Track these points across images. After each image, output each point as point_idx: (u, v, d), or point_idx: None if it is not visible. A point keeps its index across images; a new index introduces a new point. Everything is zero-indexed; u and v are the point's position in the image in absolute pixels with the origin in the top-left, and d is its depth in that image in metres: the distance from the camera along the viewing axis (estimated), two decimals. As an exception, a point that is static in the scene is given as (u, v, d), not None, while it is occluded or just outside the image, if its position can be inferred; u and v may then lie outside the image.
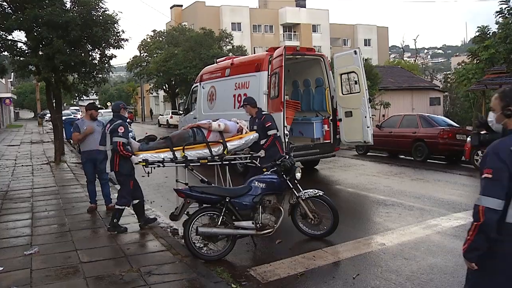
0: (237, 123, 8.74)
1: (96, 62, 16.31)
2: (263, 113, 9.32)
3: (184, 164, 7.86)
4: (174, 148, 7.82)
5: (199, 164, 8.00)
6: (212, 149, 8.03)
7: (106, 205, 9.31)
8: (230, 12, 64.37)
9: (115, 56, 16.69)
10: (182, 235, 6.67)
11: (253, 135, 8.64)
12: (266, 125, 8.88)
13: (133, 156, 7.56)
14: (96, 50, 16.32)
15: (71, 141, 18.32)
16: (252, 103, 9.35)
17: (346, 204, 9.76)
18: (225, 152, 8.10)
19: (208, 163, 8.17)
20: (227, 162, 8.35)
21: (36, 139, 28.78)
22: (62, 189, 11.48)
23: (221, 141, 8.15)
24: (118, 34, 16.03)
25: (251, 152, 8.62)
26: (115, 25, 15.85)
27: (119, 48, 16.34)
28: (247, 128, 8.89)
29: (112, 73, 19.96)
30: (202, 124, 8.44)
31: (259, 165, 7.97)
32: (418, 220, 8.15)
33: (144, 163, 7.54)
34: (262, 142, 8.75)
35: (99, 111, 10.92)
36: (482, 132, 3.45)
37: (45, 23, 14.21)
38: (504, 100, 3.13)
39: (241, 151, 8.82)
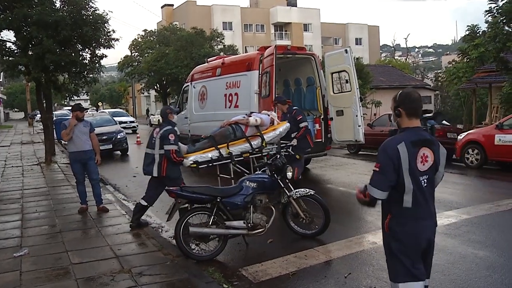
0: (269, 115, 9.31)
1: (87, 62, 16.23)
2: (294, 108, 10.19)
3: (229, 160, 8.42)
4: (218, 146, 8.42)
5: (242, 158, 8.69)
6: (252, 143, 8.72)
7: (97, 205, 9.18)
8: (221, 11, 64.31)
9: (105, 56, 16.64)
10: (173, 235, 6.65)
11: (286, 125, 9.31)
12: (298, 118, 9.87)
13: (184, 159, 7.93)
14: (87, 49, 16.24)
15: (62, 141, 18.24)
16: (281, 100, 10.31)
17: (338, 203, 9.77)
18: (263, 144, 8.81)
19: (250, 156, 8.92)
20: (266, 154, 8.96)
21: (27, 140, 28.59)
22: (52, 190, 11.41)
23: (259, 134, 8.84)
24: (108, 34, 15.97)
25: (283, 142, 9.35)
26: (106, 24, 15.79)
27: (109, 48, 16.29)
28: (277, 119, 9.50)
29: (103, 73, 19.91)
30: (239, 120, 8.98)
31: (293, 152, 9.12)
32: (409, 218, 8.17)
33: (195, 165, 7.90)
34: (294, 134, 9.71)
35: (91, 112, 11.03)
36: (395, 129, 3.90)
37: (34, 22, 14.11)
38: (395, 101, 3.60)
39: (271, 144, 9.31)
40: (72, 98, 21.78)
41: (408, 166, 3.41)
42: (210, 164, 8.30)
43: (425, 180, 3.50)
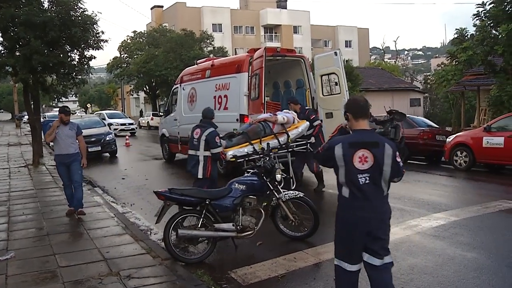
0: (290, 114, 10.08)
1: (75, 63, 16.14)
2: (306, 108, 10.99)
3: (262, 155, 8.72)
4: (252, 142, 9.23)
5: (272, 154, 8.95)
6: (279, 139, 9.61)
7: (75, 209, 8.94)
8: (211, 13, 64.31)
9: (94, 57, 16.54)
10: (162, 237, 6.63)
11: (305, 124, 10.14)
12: (311, 118, 10.53)
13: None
14: (75, 51, 16.15)
15: (50, 143, 18.14)
16: (294, 101, 10.95)
17: (327, 205, 9.78)
18: (289, 140, 9.69)
19: (279, 152, 9.67)
20: (291, 150, 9.86)
21: (14, 142, 28.38)
22: (40, 192, 11.33)
23: (284, 131, 9.70)
24: (97, 35, 15.90)
25: (298, 140, 9.99)
26: (95, 25, 15.72)
27: (98, 49, 16.22)
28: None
29: (92, 74, 19.87)
30: (268, 118, 9.82)
31: (311, 149, 9.67)
32: (398, 220, 8.20)
33: (234, 159, 8.39)
34: (309, 132, 10.25)
35: (79, 114, 10.97)
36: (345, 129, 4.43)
37: (22, 23, 14.00)
38: (345, 108, 4.22)
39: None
40: (61, 100, 21.63)
41: (343, 164, 3.98)
42: (246, 159, 9.02)
43: (367, 178, 3.94)
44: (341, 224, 4.13)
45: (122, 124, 34.68)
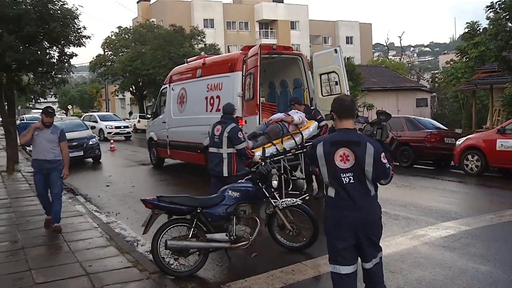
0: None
1: (55, 61, 16.04)
2: (312, 108, 11.46)
3: (283, 156, 9.75)
4: (274, 142, 9.85)
5: (291, 154, 10.17)
6: (295, 139, 10.15)
7: (52, 223, 8.60)
8: (202, 7, 64.37)
9: (76, 55, 16.47)
10: (150, 249, 6.61)
11: (315, 124, 10.70)
12: (318, 118, 10.93)
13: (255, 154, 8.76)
14: (55, 47, 16.03)
15: (27, 147, 18.07)
16: (298, 101, 11.35)
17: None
18: (303, 140, 10.19)
19: (296, 152, 10.23)
20: (305, 150, 10.02)
21: (-12, 147, 28.28)
22: (15, 201, 11.24)
23: (298, 131, 10.27)
24: (78, 31, 15.81)
25: (308, 140, 10.24)
26: (76, 20, 15.61)
27: (80, 46, 16.12)
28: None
29: (73, 73, 19.78)
30: (284, 118, 10.43)
31: None
32: (404, 230, 8.22)
33: (261, 160, 8.27)
34: (316, 132, 10.64)
35: (59, 116, 10.80)
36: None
37: (-8, 15, 13.85)
38: (331, 107, 4.49)
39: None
40: (38, 101, 21.46)
41: (324, 163, 4.27)
42: (271, 159, 9.27)
43: (350, 177, 4.20)
44: (329, 224, 4.34)
45: (116, 127, 33.70)
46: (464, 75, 27.00)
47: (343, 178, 4.20)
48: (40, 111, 9.14)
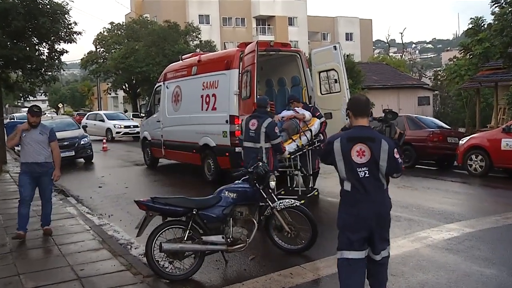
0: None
1: (44, 57, 16.00)
2: (310, 105, 11.74)
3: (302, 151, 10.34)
4: (293, 138, 10.35)
5: (305, 150, 10.60)
6: (307, 136, 10.62)
7: (42, 226, 8.48)
8: (197, 3, 64.35)
9: (66, 51, 16.43)
10: (144, 252, 6.61)
11: (318, 121, 11.08)
12: (316, 114, 11.22)
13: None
14: (44, 44, 15.98)
15: (15, 148, 18.02)
16: (296, 99, 11.68)
17: (327, 215, 9.81)
18: (312, 136, 10.74)
19: (309, 148, 10.69)
20: (315, 145, 10.82)
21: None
22: (3, 203, 11.22)
23: (308, 128, 10.74)
24: (69, 26, 15.76)
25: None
26: (66, 15, 15.56)
27: (71, 42, 16.10)
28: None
29: (64, 70, 19.65)
30: (297, 115, 10.83)
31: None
32: (406, 232, 8.23)
33: (289, 155, 9.09)
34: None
35: (50, 115, 10.59)
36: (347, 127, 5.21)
37: (-23, 10, 13.74)
38: (347, 105, 4.99)
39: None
40: (28, 99, 21.39)
41: (341, 158, 4.68)
42: (293, 155, 10.17)
43: (366, 171, 4.61)
44: (344, 217, 4.75)
45: (126, 127, 32.82)
46: (467, 73, 26.98)
47: (359, 172, 4.61)
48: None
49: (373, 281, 4.87)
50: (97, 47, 51.10)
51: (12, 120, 30.98)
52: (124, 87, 50.86)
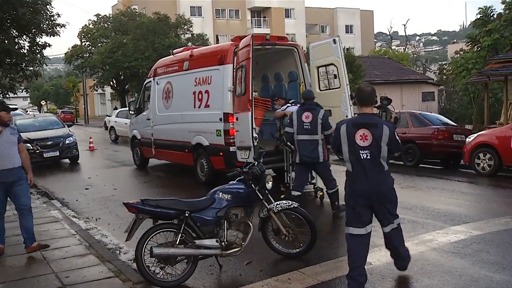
0: None
1: (25, 51, 15.89)
2: (291, 101, 11.87)
3: None
4: None
5: None
6: None
7: (26, 245, 7.77)
8: (188, -7, 64.24)
9: (49, 45, 16.36)
10: (133, 257, 6.61)
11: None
12: None
13: None
14: (25, 36, 15.86)
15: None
16: (280, 96, 12.69)
17: (326, 217, 9.85)
18: None
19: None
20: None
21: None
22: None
23: None
24: (51, 18, 15.66)
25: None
26: (48, 6, 15.43)
27: (54, 35, 16.02)
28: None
29: (47, 65, 19.64)
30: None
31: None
32: (409, 234, 8.23)
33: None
34: None
35: (32, 113, 10.28)
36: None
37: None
38: (354, 94, 6.08)
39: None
40: (7, 96, 21.23)
41: (346, 141, 5.66)
42: None
43: (367, 154, 5.58)
44: (348, 194, 5.78)
45: None
46: (475, 66, 26.99)
47: (361, 154, 5.58)
48: (14, 106, 8.54)
49: (390, 249, 6.25)
50: (82, 40, 51.05)
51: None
52: (111, 83, 50.87)
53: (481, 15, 20.26)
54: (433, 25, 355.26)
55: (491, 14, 20.04)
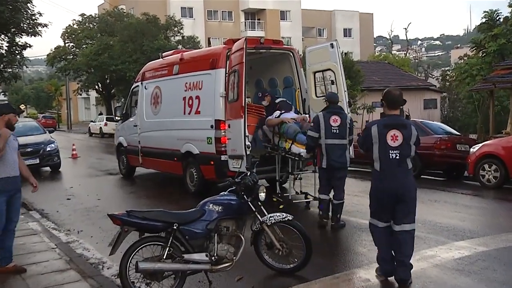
0: None
1: (4, 52, 15.82)
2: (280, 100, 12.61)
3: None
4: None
5: None
6: None
7: (3, 265, 7.44)
8: (179, -6, 64.39)
9: (30, 46, 16.29)
10: (117, 273, 6.57)
11: None
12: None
13: None
14: (3, 36, 15.78)
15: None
16: (269, 93, 13.19)
17: (322, 230, 9.83)
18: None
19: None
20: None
21: None
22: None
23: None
24: (33, 17, 15.62)
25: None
26: (29, 4, 15.38)
27: (35, 35, 15.97)
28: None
29: (27, 67, 19.56)
30: (297, 118, 11.86)
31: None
32: (410, 249, 8.24)
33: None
34: None
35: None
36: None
37: None
38: (382, 96, 6.62)
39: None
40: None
41: (378, 141, 6.38)
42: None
43: (397, 154, 6.33)
44: (375, 191, 6.60)
45: None
46: (480, 72, 27.08)
47: (390, 154, 6.32)
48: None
49: (395, 253, 6.59)
50: (66, 41, 51.11)
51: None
52: (96, 87, 50.87)
53: (487, 19, 20.34)
54: (436, 29, 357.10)
55: (497, 18, 20.13)
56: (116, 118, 19.03)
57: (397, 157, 6.29)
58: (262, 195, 6.89)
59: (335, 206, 9.94)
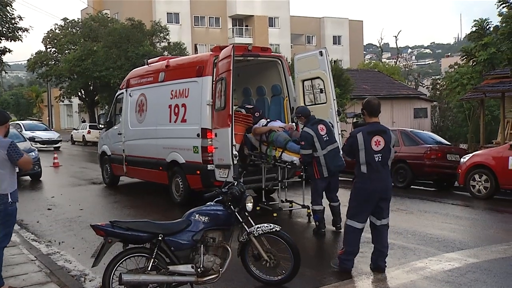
0: None
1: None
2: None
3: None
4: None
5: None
6: None
7: None
8: (165, -1, 64.42)
9: (9, 50, 16.21)
10: (100, 285, 6.55)
11: None
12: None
13: None
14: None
15: None
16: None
17: (310, 241, 9.86)
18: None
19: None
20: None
21: None
22: None
23: None
24: (12, 21, 15.53)
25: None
26: (8, 8, 15.31)
27: (15, 40, 15.86)
28: None
29: (6, 72, 19.45)
30: (285, 126, 12.18)
31: None
32: (400, 261, 8.26)
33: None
34: None
35: None
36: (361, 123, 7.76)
37: None
38: (362, 105, 7.54)
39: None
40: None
41: (363, 147, 7.25)
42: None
43: (379, 157, 7.28)
44: (360, 192, 7.42)
45: None
46: (470, 81, 27.26)
47: (375, 157, 7.25)
48: None
49: (376, 244, 7.60)
50: (48, 46, 50.85)
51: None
52: (79, 93, 50.64)
53: (477, 27, 20.48)
54: (426, 37, 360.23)
55: (488, 27, 20.28)
56: (100, 126, 18.98)
57: (380, 159, 7.27)
58: (249, 206, 6.90)
59: (335, 208, 10.55)
